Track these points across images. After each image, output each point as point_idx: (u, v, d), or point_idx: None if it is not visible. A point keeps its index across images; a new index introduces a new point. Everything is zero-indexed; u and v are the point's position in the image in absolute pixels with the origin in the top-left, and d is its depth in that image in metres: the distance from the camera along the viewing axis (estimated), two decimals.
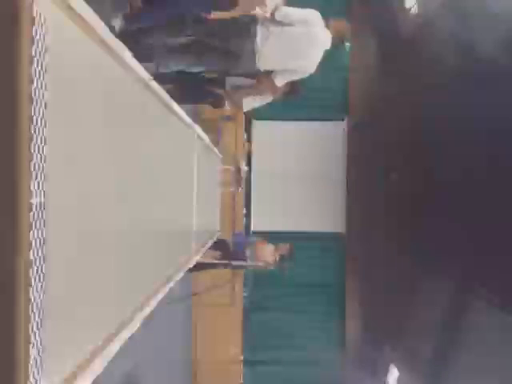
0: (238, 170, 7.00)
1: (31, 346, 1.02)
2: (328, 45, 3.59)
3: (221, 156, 5.75)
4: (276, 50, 3.42)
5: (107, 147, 1.52)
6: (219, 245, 5.11)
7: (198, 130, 3.62)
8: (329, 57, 3.82)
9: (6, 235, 0.96)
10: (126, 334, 1.68)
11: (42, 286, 1.05)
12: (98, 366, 1.39)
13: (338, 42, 3.65)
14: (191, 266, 3.38)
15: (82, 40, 1.29)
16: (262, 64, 3.47)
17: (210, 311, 6.90)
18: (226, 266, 5.24)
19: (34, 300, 1.02)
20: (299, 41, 3.46)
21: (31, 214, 1.00)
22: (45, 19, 1.03)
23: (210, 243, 4.59)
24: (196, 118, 6.34)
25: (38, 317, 1.04)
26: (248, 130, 7.83)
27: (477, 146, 4.34)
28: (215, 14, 3.28)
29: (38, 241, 1.03)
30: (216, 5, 3.32)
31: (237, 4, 3.31)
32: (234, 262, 5.10)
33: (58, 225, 1.13)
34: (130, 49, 1.57)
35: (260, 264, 5.25)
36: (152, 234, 2.23)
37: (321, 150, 8.03)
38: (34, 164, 1.00)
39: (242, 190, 7.25)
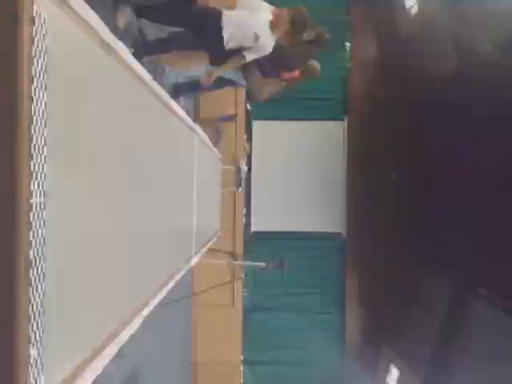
0: (238, 170, 6.99)
1: (31, 345, 1.02)
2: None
3: (221, 156, 5.75)
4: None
5: (107, 147, 1.52)
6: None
7: (198, 129, 3.61)
8: (329, 57, 3.82)
9: (5, 235, 0.96)
10: (126, 334, 1.68)
11: (41, 286, 1.05)
12: (97, 366, 1.39)
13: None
14: None
15: (81, 40, 1.29)
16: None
17: (210, 311, 6.89)
18: None
19: (34, 300, 1.02)
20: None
21: (31, 213, 1.00)
22: (45, 19, 1.03)
23: (209, 243, 4.58)
24: (196, 117, 6.34)
25: (38, 317, 1.04)
26: (248, 130, 7.83)
27: (477, 145, 4.33)
28: None
29: (37, 241, 1.03)
30: None
31: None
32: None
33: (58, 225, 1.13)
34: None
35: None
36: (152, 235, 2.22)
37: (321, 149, 8.02)
38: (34, 164, 1.00)
39: (242, 190, 7.24)
